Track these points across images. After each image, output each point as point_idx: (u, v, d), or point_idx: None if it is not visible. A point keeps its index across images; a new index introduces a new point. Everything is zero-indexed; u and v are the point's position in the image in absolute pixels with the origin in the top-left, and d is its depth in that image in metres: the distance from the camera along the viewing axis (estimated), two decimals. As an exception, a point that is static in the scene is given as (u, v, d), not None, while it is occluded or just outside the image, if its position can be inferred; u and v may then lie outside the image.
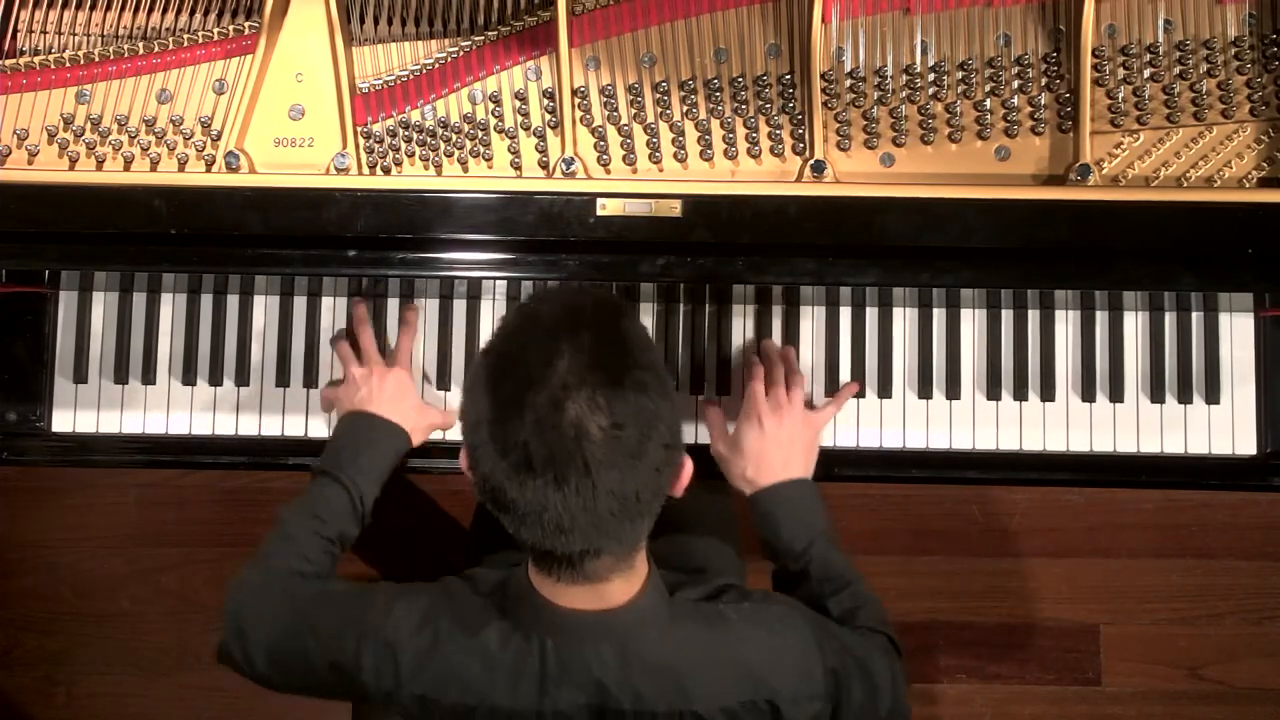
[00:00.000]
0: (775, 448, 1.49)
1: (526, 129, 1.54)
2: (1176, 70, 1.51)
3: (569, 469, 1.08)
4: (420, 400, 1.58)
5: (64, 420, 1.62)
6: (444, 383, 1.62)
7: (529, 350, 1.12)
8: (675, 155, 1.53)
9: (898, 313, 1.61)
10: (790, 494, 1.48)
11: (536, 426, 1.08)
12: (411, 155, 1.54)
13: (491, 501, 1.14)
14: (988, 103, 1.52)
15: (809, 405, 1.56)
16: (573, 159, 1.51)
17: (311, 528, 1.42)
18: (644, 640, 1.21)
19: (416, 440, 1.54)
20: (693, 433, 1.60)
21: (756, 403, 1.51)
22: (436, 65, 1.53)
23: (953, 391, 1.60)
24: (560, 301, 1.18)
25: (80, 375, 1.62)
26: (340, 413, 1.55)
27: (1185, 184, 1.51)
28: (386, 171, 1.54)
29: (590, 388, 1.09)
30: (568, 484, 1.08)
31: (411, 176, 1.54)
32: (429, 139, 1.53)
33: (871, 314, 1.61)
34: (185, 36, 1.54)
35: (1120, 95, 1.51)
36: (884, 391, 1.60)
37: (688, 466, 1.20)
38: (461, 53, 1.53)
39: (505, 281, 1.58)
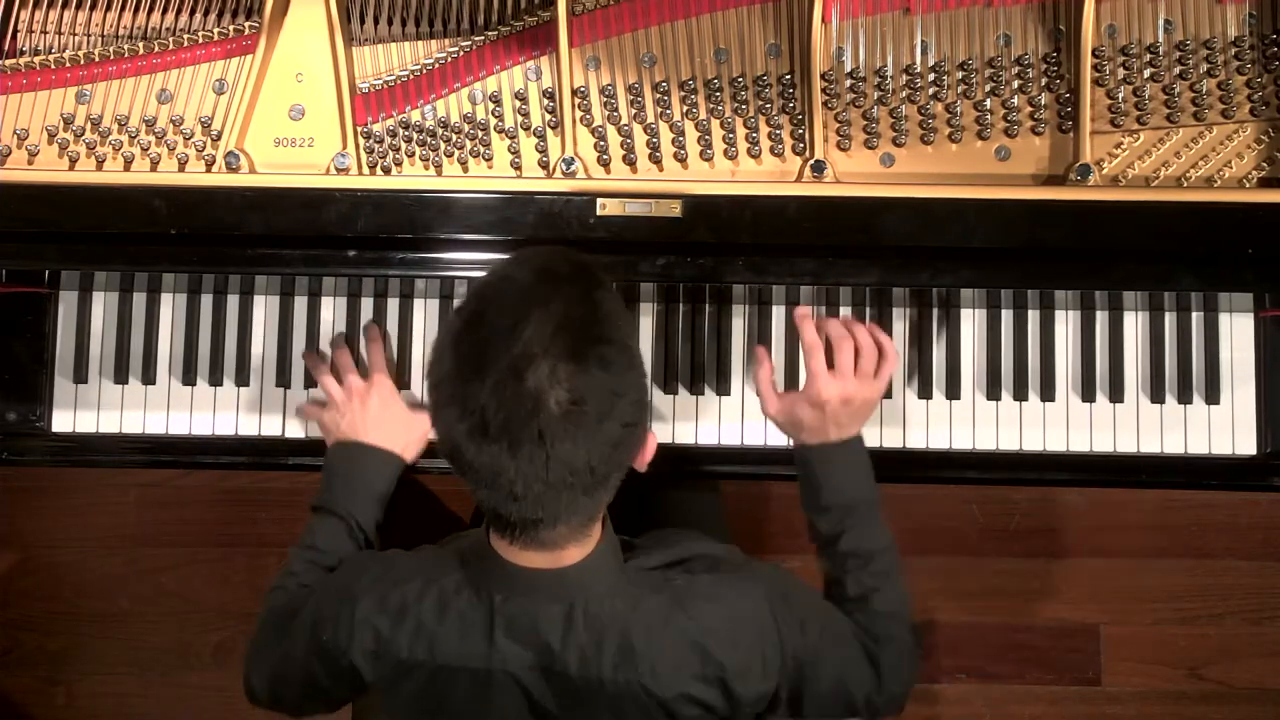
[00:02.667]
0: (851, 412, 1.44)
1: (526, 129, 1.54)
2: (1176, 70, 1.51)
3: (522, 437, 1.08)
4: (406, 412, 1.55)
5: (64, 420, 1.62)
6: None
7: (498, 312, 1.11)
8: (675, 155, 1.53)
9: (898, 313, 1.61)
10: (844, 451, 1.44)
11: (495, 391, 1.07)
12: (411, 155, 1.54)
13: (450, 458, 1.14)
14: (988, 103, 1.52)
15: None
16: (573, 159, 1.51)
17: (309, 558, 1.44)
18: (591, 600, 1.20)
19: (411, 455, 1.53)
20: (692, 431, 1.60)
21: (844, 377, 1.44)
22: (436, 65, 1.53)
23: (953, 391, 1.60)
24: (536, 264, 1.17)
25: (80, 375, 1.62)
26: (329, 441, 1.55)
27: (1185, 184, 1.51)
28: (386, 171, 1.54)
29: (553, 359, 1.08)
30: (520, 451, 1.08)
31: (411, 176, 1.54)
32: (429, 139, 1.53)
33: (872, 314, 1.61)
34: (185, 36, 1.54)
35: (1120, 95, 1.51)
36: (884, 392, 1.60)
37: (650, 442, 1.19)
38: (461, 53, 1.53)
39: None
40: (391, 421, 1.52)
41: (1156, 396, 1.59)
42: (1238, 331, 1.59)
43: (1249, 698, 2.39)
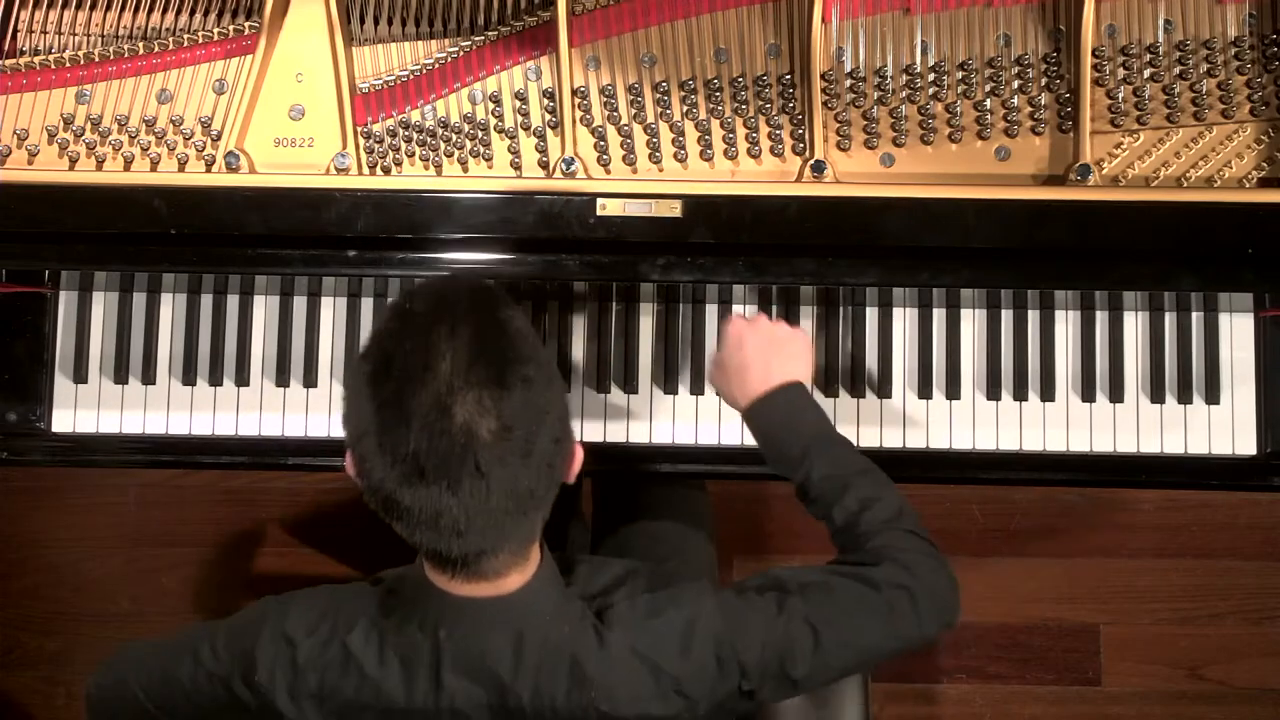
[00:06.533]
0: (753, 354, 1.42)
1: (526, 129, 1.54)
2: (1176, 70, 1.51)
3: (461, 473, 1.06)
4: None
5: (64, 420, 1.62)
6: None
7: (407, 352, 1.08)
8: (675, 155, 1.53)
9: (898, 313, 1.61)
10: (776, 402, 1.40)
11: (424, 433, 1.05)
12: (411, 155, 1.54)
13: (383, 509, 1.11)
14: (988, 103, 1.52)
15: None
16: (573, 159, 1.51)
17: None
18: (538, 626, 1.17)
19: None
20: (691, 431, 1.60)
21: (732, 319, 1.46)
22: (436, 65, 1.53)
23: (953, 391, 1.60)
24: (433, 295, 1.13)
25: (80, 375, 1.62)
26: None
27: (1185, 184, 1.51)
28: (386, 171, 1.54)
29: (476, 388, 1.06)
30: (461, 488, 1.06)
31: (411, 176, 1.54)
32: (429, 139, 1.53)
33: (871, 314, 1.61)
34: (185, 36, 1.54)
35: (1120, 95, 1.51)
36: (884, 391, 1.60)
37: (578, 454, 1.18)
38: (461, 53, 1.53)
39: (506, 282, 1.58)
40: None
41: (1156, 396, 1.59)
42: (1238, 331, 1.59)
43: (1249, 698, 2.39)
